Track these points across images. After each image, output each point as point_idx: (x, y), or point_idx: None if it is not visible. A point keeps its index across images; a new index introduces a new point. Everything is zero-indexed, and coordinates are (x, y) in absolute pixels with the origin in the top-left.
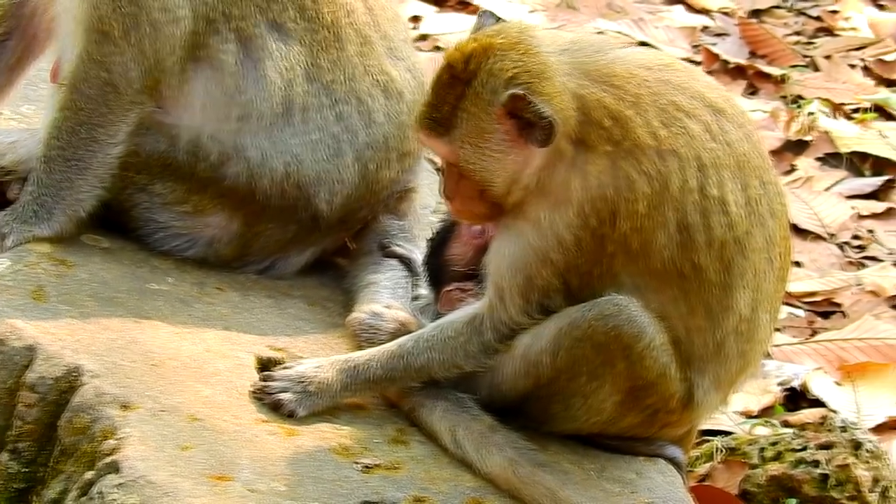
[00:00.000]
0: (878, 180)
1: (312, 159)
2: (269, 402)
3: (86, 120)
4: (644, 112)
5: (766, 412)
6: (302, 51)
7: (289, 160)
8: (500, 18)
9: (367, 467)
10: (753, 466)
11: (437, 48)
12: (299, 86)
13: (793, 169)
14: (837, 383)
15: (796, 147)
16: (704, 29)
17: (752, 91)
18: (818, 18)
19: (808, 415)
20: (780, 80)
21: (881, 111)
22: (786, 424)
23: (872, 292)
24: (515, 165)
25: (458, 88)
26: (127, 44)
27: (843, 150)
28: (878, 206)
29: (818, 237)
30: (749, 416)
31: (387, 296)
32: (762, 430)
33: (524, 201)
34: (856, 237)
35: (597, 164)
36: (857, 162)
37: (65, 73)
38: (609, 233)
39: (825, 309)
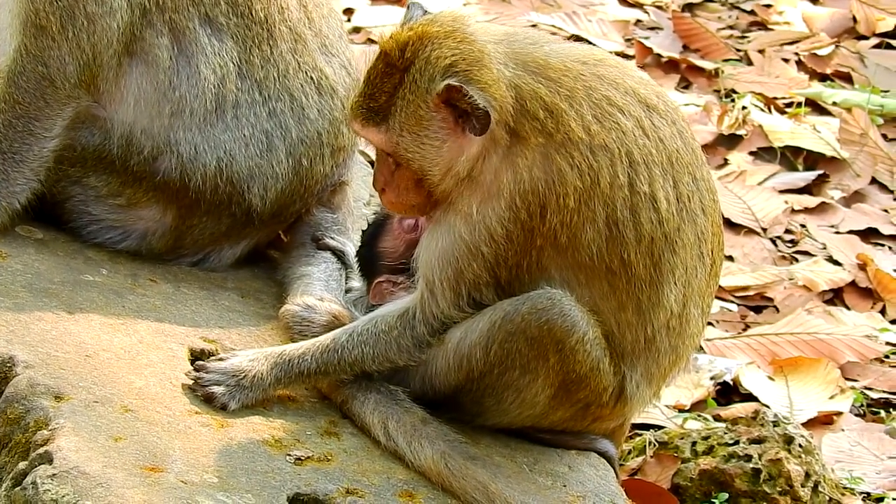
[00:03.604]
0: (810, 175)
1: (245, 155)
2: (201, 395)
3: (22, 113)
4: (578, 106)
5: (697, 406)
6: (234, 47)
7: (221, 156)
8: (426, 11)
9: (298, 459)
10: (685, 461)
11: (371, 41)
12: (231, 82)
13: (726, 163)
14: (769, 378)
15: (729, 141)
16: (638, 23)
17: (685, 85)
18: (752, 12)
19: (739, 409)
20: (714, 75)
21: (814, 105)
22: (717, 419)
23: (805, 287)
24: (452, 153)
25: (395, 77)
26: (64, 38)
27: (777, 144)
28: (810, 201)
29: (751, 231)
30: (681, 410)
31: (320, 288)
32: (694, 425)
33: (456, 194)
34: (788, 231)
35: (528, 157)
36: (791, 156)
37: (2, 66)
38: (538, 226)
39: (757, 303)
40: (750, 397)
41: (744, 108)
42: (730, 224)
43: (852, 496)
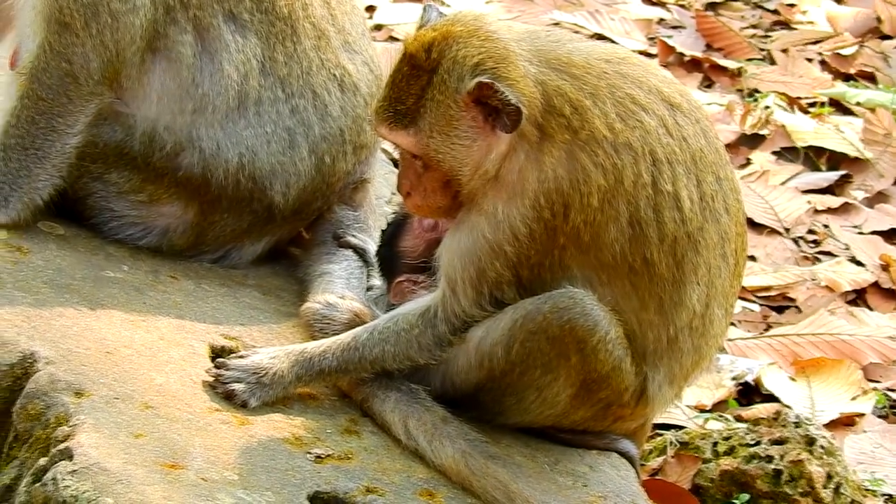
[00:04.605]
0: (833, 175)
1: (267, 152)
2: (222, 392)
3: (45, 110)
4: (602, 103)
5: (719, 407)
6: (258, 44)
7: (243, 152)
8: (442, 13)
9: (319, 457)
10: (706, 461)
11: (392, 38)
12: (254, 79)
13: (748, 163)
14: (791, 378)
15: (752, 141)
16: (660, 21)
17: (707, 84)
18: (775, 12)
19: (761, 410)
20: (737, 74)
21: (838, 105)
22: (739, 419)
23: (827, 287)
24: (481, 152)
25: (423, 78)
26: (88, 35)
27: (800, 144)
28: (833, 201)
29: (773, 231)
30: (702, 410)
31: (341, 286)
32: (715, 425)
33: (481, 194)
34: (811, 232)
35: (554, 155)
36: (814, 156)
37: (25, 62)
38: (562, 225)
39: (780, 304)
40: (771, 398)
41: (767, 107)
42: (752, 224)
43: (874, 498)
